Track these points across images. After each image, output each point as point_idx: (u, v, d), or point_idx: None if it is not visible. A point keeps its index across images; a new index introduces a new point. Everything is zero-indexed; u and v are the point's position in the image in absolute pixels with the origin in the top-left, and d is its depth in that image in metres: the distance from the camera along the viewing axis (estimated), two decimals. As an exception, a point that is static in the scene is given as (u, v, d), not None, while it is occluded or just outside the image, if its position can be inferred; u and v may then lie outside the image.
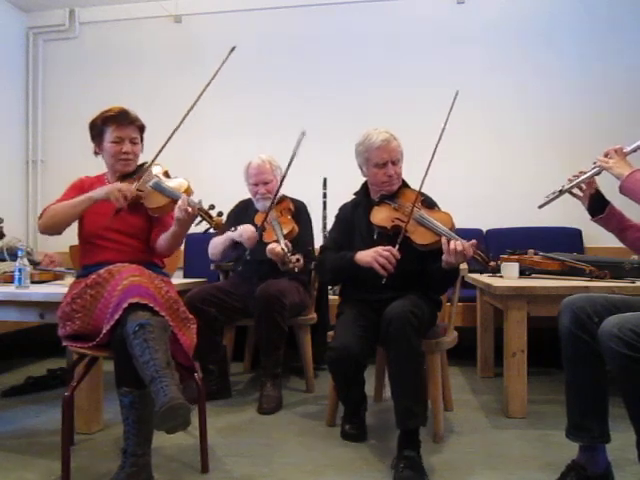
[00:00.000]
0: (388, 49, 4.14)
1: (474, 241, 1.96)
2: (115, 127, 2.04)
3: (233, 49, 2.09)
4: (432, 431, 2.12)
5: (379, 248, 2.05)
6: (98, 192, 1.95)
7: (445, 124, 2.11)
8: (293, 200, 2.91)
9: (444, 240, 1.95)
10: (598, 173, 1.78)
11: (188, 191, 2.03)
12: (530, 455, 1.98)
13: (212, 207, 1.90)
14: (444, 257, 1.96)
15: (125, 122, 2.05)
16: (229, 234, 2.77)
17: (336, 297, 2.58)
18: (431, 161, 2.13)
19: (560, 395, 2.20)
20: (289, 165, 2.56)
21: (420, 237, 2.07)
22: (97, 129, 2.08)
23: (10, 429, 2.30)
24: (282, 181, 2.68)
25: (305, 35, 4.25)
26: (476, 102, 3.99)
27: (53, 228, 2.00)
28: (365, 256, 2.08)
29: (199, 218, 1.89)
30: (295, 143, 2.50)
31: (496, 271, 2.31)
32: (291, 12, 4.25)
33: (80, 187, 2.10)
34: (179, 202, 1.88)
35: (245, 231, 2.71)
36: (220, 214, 1.90)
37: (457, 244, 1.92)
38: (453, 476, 1.83)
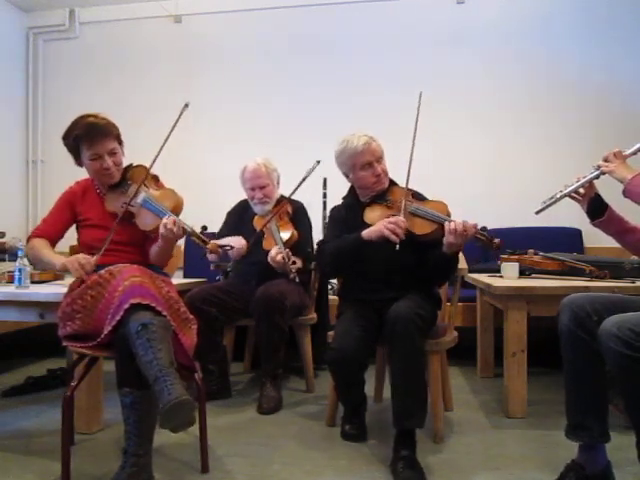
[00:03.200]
0: (388, 49, 4.13)
1: (475, 223, 1.97)
2: (88, 145, 1.96)
3: (186, 106, 2.02)
4: (432, 431, 2.12)
5: (384, 219, 2.05)
6: (59, 262, 1.97)
7: (416, 125, 2.12)
8: (291, 201, 2.88)
9: (446, 224, 1.96)
10: (597, 177, 1.78)
11: (177, 207, 1.97)
12: (530, 455, 1.98)
13: (205, 228, 1.89)
14: (445, 239, 1.96)
15: (97, 138, 1.96)
16: (221, 241, 2.72)
17: (336, 297, 2.58)
18: (411, 160, 2.15)
19: (560, 395, 2.20)
20: (296, 188, 2.57)
21: (419, 228, 2.07)
22: (70, 146, 2.02)
23: (10, 429, 2.30)
24: (289, 197, 2.70)
25: (305, 35, 4.25)
26: (476, 101, 4.00)
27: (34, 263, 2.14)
28: (371, 229, 2.07)
29: (190, 238, 1.88)
30: (309, 170, 2.52)
31: (502, 249, 2.22)
32: (291, 12, 4.25)
33: (69, 202, 2.11)
34: (163, 220, 1.87)
35: (234, 242, 2.64)
36: (213, 236, 1.88)
37: (457, 224, 1.93)
38: (453, 476, 1.83)
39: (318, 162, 2.47)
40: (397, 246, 1.98)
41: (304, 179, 2.56)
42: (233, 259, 2.71)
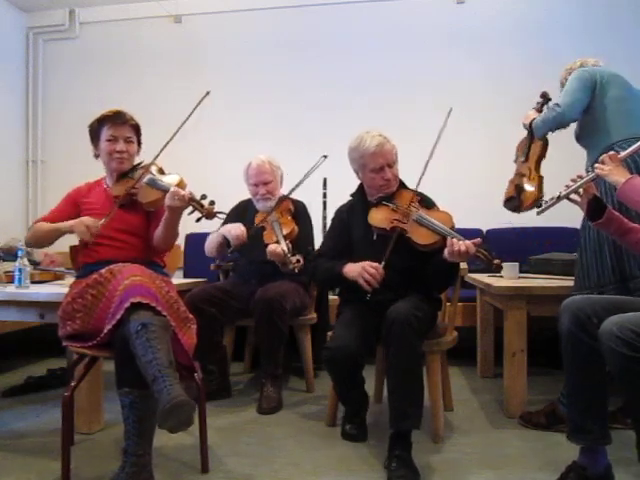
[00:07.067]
0: (388, 49, 4.14)
1: (478, 239, 1.95)
2: (110, 126, 2.11)
3: (207, 93, 2.16)
4: (432, 431, 2.13)
5: (366, 263, 2.05)
6: (66, 224, 2.04)
7: (438, 139, 2.12)
8: (293, 200, 2.91)
9: (448, 241, 1.95)
10: (595, 179, 1.78)
11: (181, 185, 2.06)
12: (530, 455, 1.98)
13: (204, 197, 1.90)
14: (446, 256, 1.96)
15: (119, 121, 2.11)
16: (220, 230, 2.77)
17: (336, 297, 2.59)
18: (427, 164, 2.14)
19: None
20: (301, 182, 2.57)
21: (421, 237, 2.07)
22: (94, 130, 2.15)
23: (10, 429, 2.30)
24: (291, 192, 2.71)
25: (305, 35, 4.26)
26: (475, 102, 4.00)
27: (36, 245, 2.18)
28: (352, 271, 2.09)
29: (191, 208, 1.90)
30: (314, 165, 2.51)
31: (500, 269, 2.25)
32: (291, 12, 4.26)
33: (73, 198, 2.18)
34: (170, 189, 1.93)
35: (233, 227, 2.70)
36: (212, 203, 1.90)
37: (460, 245, 1.91)
38: (453, 476, 1.83)
39: (325, 157, 2.46)
40: (368, 295, 2.01)
41: (311, 171, 2.56)
42: (233, 246, 2.70)
